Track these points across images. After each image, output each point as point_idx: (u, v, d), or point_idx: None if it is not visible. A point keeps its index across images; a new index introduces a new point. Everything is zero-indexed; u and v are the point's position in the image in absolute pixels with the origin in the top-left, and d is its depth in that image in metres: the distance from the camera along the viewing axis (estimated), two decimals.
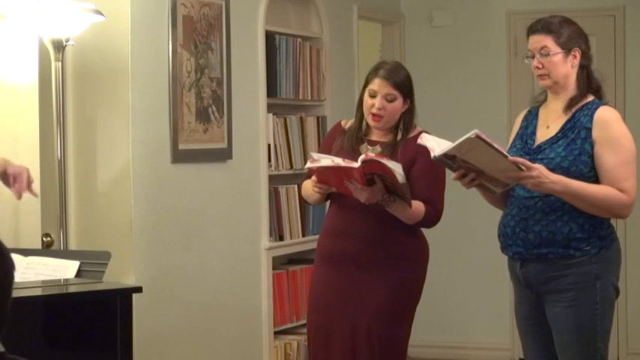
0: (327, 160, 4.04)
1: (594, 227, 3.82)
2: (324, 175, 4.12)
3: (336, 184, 4.12)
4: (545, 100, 4.00)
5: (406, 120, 4.31)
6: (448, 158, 3.69)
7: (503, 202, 4.00)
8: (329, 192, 4.25)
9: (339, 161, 4.01)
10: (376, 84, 4.27)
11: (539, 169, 3.69)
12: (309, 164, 4.10)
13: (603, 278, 3.83)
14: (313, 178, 4.19)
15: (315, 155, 4.13)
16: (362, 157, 3.96)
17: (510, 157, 3.69)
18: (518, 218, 3.88)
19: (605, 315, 3.85)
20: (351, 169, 3.96)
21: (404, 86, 4.28)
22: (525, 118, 4.04)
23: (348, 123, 4.43)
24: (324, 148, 4.43)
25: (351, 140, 4.31)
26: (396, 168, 3.96)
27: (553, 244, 3.81)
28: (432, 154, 3.70)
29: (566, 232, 3.80)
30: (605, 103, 3.91)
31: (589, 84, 3.91)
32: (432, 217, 4.25)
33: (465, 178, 3.74)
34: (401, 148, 4.25)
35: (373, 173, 3.98)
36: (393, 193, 4.09)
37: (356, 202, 4.18)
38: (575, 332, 3.82)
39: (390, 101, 4.26)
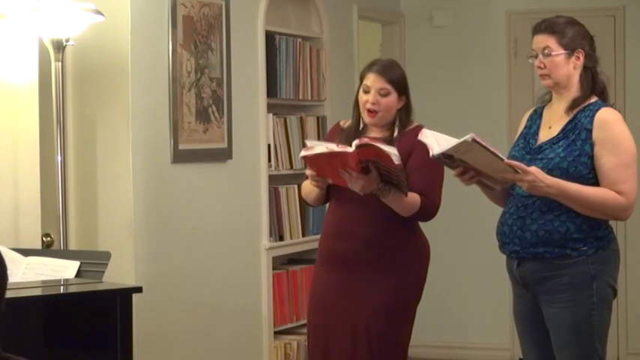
0: (321, 147, 4.03)
1: (592, 228, 3.81)
2: (319, 166, 4.11)
3: (332, 174, 4.10)
4: (550, 99, 4.00)
5: (402, 117, 4.30)
6: (446, 157, 3.70)
7: (505, 200, 3.99)
8: (326, 185, 4.23)
9: (333, 147, 3.99)
10: (370, 79, 4.26)
11: (535, 173, 3.69)
12: (303, 152, 4.08)
13: (600, 278, 3.82)
14: (308, 171, 4.18)
15: (309, 143, 4.11)
16: (356, 141, 3.95)
17: (506, 160, 3.70)
18: (515, 217, 3.88)
19: (602, 315, 3.85)
20: (346, 154, 3.94)
21: (398, 82, 4.27)
22: (530, 118, 4.04)
23: (346, 123, 4.43)
24: None
25: (349, 138, 4.31)
26: (391, 150, 3.93)
27: (550, 243, 3.81)
28: (431, 153, 3.71)
29: (563, 232, 3.80)
30: (610, 105, 3.90)
31: (593, 86, 3.90)
32: (428, 210, 4.22)
33: (464, 175, 3.75)
34: (397, 141, 4.24)
35: (368, 160, 3.97)
36: (389, 183, 4.08)
37: (355, 203, 4.18)
38: (571, 332, 3.82)
39: (384, 96, 4.25)
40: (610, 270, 3.87)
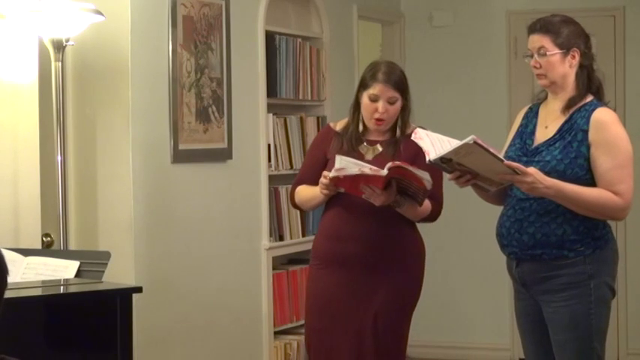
0: (353, 169, 4.01)
1: (588, 229, 3.82)
2: (337, 178, 4.10)
3: (350, 187, 4.11)
4: (546, 97, 4.00)
5: (404, 117, 4.32)
6: (444, 162, 3.69)
7: (499, 199, 4.00)
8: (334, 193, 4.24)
9: (366, 169, 3.99)
10: (377, 89, 4.25)
11: (534, 175, 3.69)
12: (334, 173, 4.05)
13: (597, 278, 3.83)
14: (322, 180, 4.15)
15: (341, 163, 4.05)
16: (389, 164, 3.96)
17: (506, 162, 3.70)
18: (513, 219, 3.88)
19: (601, 315, 3.85)
20: (378, 178, 3.96)
21: (402, 86, 4.30)
22: (526, 116, 4.03)
23: (337, 125, 4.42)
24: (317, 152, 4.40)
25: (351, 141, 4.31)
26: (424, 175, 3.97)
27: (547, 245, 3.82)
28: (427, 158, 3.70)
29: (559, 235, 3.81)
30: (605, 104, 3.90)
31: (589, 85, 3.90)
32: (436, 213, 4.31)
33: (460, 179, 3.75)
34: (403, 144, 4.25)
35: (392, 178, 4.00)
36: (404, 194, 4.10)
37: (357, 205, 4.18)
38: (570, 332, 3.83)
39: (392, 104, 4.27)
40: (608, 269, 3.88)
